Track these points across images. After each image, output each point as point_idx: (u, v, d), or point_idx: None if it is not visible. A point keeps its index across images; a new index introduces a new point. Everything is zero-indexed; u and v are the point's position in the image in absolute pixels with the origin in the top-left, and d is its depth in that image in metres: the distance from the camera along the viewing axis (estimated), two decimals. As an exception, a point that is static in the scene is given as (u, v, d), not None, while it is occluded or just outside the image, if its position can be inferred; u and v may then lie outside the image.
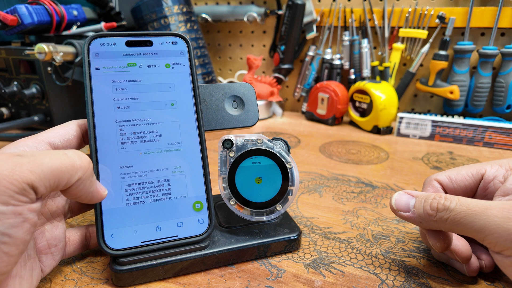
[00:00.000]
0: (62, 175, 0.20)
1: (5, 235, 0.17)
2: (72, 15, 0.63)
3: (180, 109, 0.29)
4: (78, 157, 0.21)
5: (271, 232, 0.31)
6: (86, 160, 0.22)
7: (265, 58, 0.85)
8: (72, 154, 0.21)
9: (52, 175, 0.19)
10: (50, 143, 0.25)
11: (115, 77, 0.28)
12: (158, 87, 0.29)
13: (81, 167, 0.21)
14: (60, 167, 0.19)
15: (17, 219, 0.18)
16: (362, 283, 0.27)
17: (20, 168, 0.18)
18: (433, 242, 0.26)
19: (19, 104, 0.64)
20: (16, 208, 0.18)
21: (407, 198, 0.27)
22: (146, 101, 0.28)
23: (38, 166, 0.18)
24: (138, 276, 0.27)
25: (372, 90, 0.65)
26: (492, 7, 0.61)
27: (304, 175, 0.48)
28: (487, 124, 0.59)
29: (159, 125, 0.28)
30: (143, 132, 0.28)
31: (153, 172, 0.28)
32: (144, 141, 0.28)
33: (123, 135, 0.27)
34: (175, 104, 0.29)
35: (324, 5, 0.75)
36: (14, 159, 0.18)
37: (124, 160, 0.27)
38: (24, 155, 0.18)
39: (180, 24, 0.68)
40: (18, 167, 0.18)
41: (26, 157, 0.18)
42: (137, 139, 0.27)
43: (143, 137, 0.28)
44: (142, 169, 0.27)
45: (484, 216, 0.22)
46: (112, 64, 0.28)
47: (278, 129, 0.70)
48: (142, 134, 0.28)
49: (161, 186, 0.28)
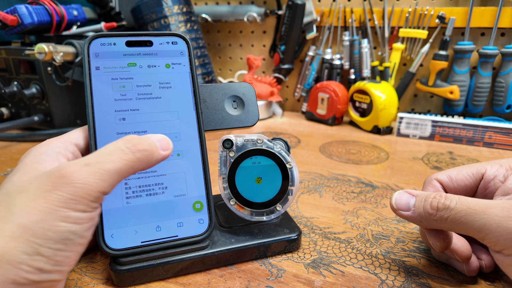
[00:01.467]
0: (125, 174, 0.21)
1: (82, 237, 0.20)
2: (72, 15, 0.63)
3: (180, 109, 0.29)
4: (135, 153, 0.22)
5: (271, 232, 0.31)
6: (144, 154, 0.22)
7: (265, 58, 0.85)
8: (129, 151, 0.22)
9: (118, 177, 0.21)
10: (76, 144, 0.26)
11: (115, 77, 0.28)
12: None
13: (140, 162, 0.22)
14: (123, 168, 0.21)
15: (91, 223, 0.20)
16: (362, 283, 0.27)
17: (92, 179, 0.19)
18: (433, 242, 0.26)
19: (19, 104, 0.64)
20: (91, 213, 0.20)
21: (407, 197, 0.27)
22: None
23: (106, 173, 0.20)
24: (138, 276, 0.27)
25: (372, 90, 0.65)
26: (492, 7, 0.61)
27: (304, 175, 0.48)
28: (487, 124, 0.59)
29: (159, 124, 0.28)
30: (143, 132, 0.28)
31: (153, 172, 0.28)
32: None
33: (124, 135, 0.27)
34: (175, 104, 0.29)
35: (324, 5, 0.75)
36: (85, 170, 0.20)
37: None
38: (91, 163, 0.20)
39: (180, 24, 0.68)
40: (91, 178, 0.19)
41: (93, 166, 0.20)
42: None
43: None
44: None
45: (484, 215, 0.22)
46: (112, 64, 0.28)
47: (278, 129, 0.70)
48: (142, 133, 0.28)
49: (161, 186, 0.28)
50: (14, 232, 0.18)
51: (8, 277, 0.17)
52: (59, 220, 0.18)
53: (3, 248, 0.17)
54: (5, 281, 0.17)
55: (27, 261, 0.18)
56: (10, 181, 0.21)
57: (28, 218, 0.18)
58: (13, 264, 0.17)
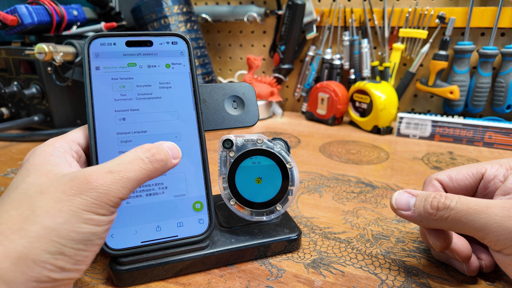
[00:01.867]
0: (142, 182, 0.23)
1: (101, 238, 0.21)
2: (72, 15, 0.63)
3: (180, 109, 0.29)
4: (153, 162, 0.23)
5: (271, 232, 0.31)
6: (160, 164, 0.24)
7: (265, 58, 0.85)
8: (148, 160, 0.23)
9: (136, 184, 0.22)
10: (78, 144, 0.26)
11: (115, 77, 0.28)
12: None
13: (156, 171, 0.23)
14: (141, 177, 0.22)
15: (109, 225, 0.21)
16: (362, 283, 0.27)
17: (115, 186, 0.21)
18: (433, 241, 0.26)
19: (19, 104, 0.64)
20: (110, 217, 0.21)
21: (407, 197, 0.27)
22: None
23: (127, 181, 0.21)
24: (138, 276, 0.27)
25: (372, 90, 0.65)
26: (492, 7, 0.61)
27: (304, 175, 0.48)
28: (487, 124, 0.59)
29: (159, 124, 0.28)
30: (143, 132, 0.28)
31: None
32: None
33: (123, 135, 0.27)
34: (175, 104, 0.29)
35: (324, 5, 0.75)
36: (108, 177, 0.21)
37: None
38: (114, 171, 0.21)
39: (180, 24, 0.68)
40: (114, 185, 0.21)
41: (116, 174, 0.21)
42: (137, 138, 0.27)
43: (143, 136, 0.28)
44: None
45: (484, 214, 0.22)
46: (112, 64, 0.28)
47: (278, 129, 0.70)
48: (142, 133, 0.28)
49: (161, 186, 0.28)
50: (39, 233, 0.19)
51: (31, 275, 0.18)
52: (82, 222, 0.20)
53: (28, 248, 0.18)
54: (28, 279, 0.18)
55: (50, 260, 0.19)
56: (25, 182, 0.21)
57: (53, 220, 0.19)
58: (37, 263, 0.18)
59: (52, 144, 0.25)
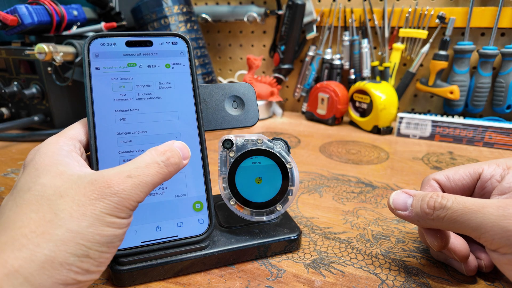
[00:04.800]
0: (157, 185, 0.23)
1: (121, 240, 0.22)
2: (72, 15, 0.63)
3: (180, 109, 0.29)
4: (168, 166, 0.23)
5: (271, 232, 0.31)
6: (174, 168, 0.24)
7: (265, 58, 0.85)
8: (163, 164, 0.23)
9: (152, 188, 0.23)
10: (80, 141, 0.26)
11: (115, 77, 0.28)
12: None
13: (170, 174, 0.24)
14: (157, 181, 0.23)
15: (127, 227, 0.22)
16: (362, 283, 0.28)
17: (135, 191, 0.21)
18: (430, 241, 0.26)
19: (19, 104, 0.64)
20: (129, 219, 0.22)
21: (404, 197, 0.27)
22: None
23: (146, 186, 0.22)
24: (138, 276, 0.27)
25: (372, 90, 0.65)
26: (492, 7, 0.61)
27: (304, 175, 0.48)
28: (487, 124, 0.59)
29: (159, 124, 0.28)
30: (143, 132, 0.28)
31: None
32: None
33: (123, 135, 0.27)
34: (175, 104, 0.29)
35: (324, 5, 0.75)
36: (128, 182, 0.21)
37: (124, 159, 0.27)
38: (133, 175, 0.22)
39: (180, 24, 0.68)
40: (134, 190, 0.21)
41: (136, 178, 0.22)
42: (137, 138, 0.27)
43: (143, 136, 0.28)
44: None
45: (480, 214, 0.22)
46: (112, 64, 0.28)
47: (278, 129, 0.70)
48: (142, 133, 0.28)
49: (161, 186, 0.28)
50: (64, 236, 0.19)
51: (58, 278, 0.18)
52: (105, 225, 0.20)
53: (55, 251, 0.18)
54: (55, 282, 0.18)
55: (77, 263, 0.19)
56: (39, 184, 0.21)
57: (77, 223, 0.19)
58: (64, 266, 0.19)
59: (56, 142, 0.24)
